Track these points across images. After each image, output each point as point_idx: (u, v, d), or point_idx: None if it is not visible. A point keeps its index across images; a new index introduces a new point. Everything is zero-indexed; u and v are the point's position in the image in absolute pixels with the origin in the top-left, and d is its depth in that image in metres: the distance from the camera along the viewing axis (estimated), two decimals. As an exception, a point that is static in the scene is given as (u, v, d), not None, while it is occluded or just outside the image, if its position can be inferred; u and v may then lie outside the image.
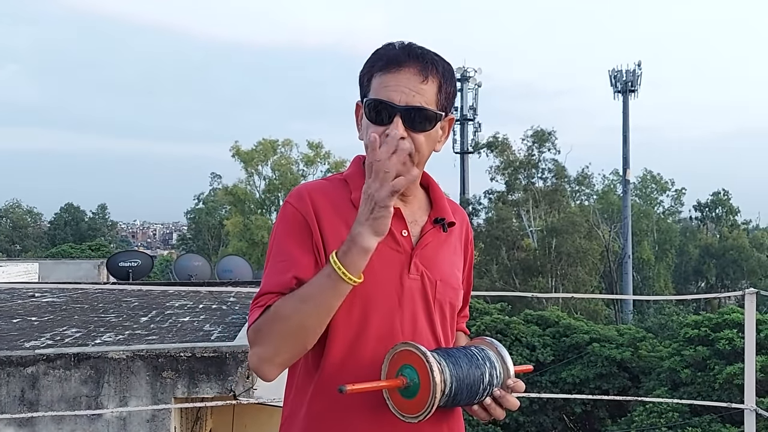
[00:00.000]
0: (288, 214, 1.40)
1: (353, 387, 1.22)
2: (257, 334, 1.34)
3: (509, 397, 1.35)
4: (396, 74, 1.37)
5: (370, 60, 1.43)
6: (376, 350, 1.36)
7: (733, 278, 43.00)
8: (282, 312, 1.31)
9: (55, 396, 3.87)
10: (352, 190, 1.43)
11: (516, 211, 37.73)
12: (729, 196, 49.33)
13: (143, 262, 13.83)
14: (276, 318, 1.32)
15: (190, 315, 6.47)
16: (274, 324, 1.32)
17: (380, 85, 1.38)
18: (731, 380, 14.70)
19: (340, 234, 1.36)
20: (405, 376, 1.26)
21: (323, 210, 1.40)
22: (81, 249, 38.30)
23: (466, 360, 1.29)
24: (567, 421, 17.63)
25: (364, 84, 1.43)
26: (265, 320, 1.33)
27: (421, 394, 1.24)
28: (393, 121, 1.36)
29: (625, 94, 38.69)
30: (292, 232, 1.39)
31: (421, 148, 1.39)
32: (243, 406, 4.45)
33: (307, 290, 1.31)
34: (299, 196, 1.41)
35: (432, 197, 1.51)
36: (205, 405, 4.28)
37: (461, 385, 1.27)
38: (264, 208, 42.26)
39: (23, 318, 6.16)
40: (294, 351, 1.35)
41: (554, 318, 20.13)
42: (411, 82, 1.37)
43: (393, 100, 1.37)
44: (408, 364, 1.27)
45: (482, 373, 1.30)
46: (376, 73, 1.40)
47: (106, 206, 66.53)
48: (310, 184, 1.46)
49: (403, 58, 1.38)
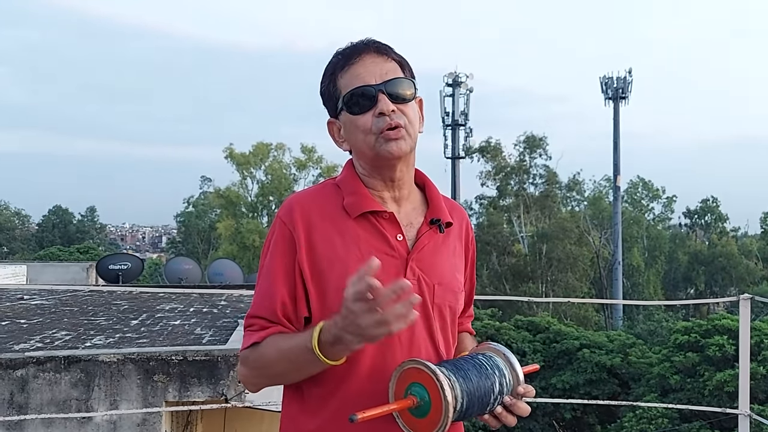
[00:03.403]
0: (277, 230, 1.41)
1: (364, 415, 1.19)
2: (245, 362, 1.41)
3: (520, 403, 1.33)
4: (360, 62, 1.39)
5: (328, 69, 1.44)
6: (374, 360, 1.34)
7: (722, 285, 43.28)
8: (266, 358, 1.37)
9: (45, 399, 3.83)
10: (345, 195, 1.42)
11: (507, 217, 37.86)
12: (718, 203, 49.73)
13: (133, 265, 13.75)
14: (261, 360, 1.38)
15: (181, 318, 6.42)
16: (258, 363, 1.38)
17: (349, 78, 1.39)
18: (721, 387, 14.76)
19: (332, 243, 1.36)
20: (415, 395, 1.23)
21: (314, 220, 1.38)
22: (69, 252, 38.04)
23: (475, 371, 1.27)
24: (557, 426, 17.64)
25: (330, 93, 1.43)
26: (252, 356, 1.39)
27: (433, 413, 1.21)
28: (378, 100, 1.36)
29: (615, 100, 38.91)
30: (281, 252, 1.40)
31: (411, 119, 1.40)
32: (234, 410, 4.41)
33: (290, 352, 1.33)
34: (288, 209, 1.41)
35: (428, 197, 1.49)
36: (196, 408, 4.24)
37: (472, 398, 1.24)
38: (256, 212, 42.18)
39: (12, 320, 6.10)
40: (276, 384, 1.43)
41: (545, 324, 20.18)
42: (377, 64, 1.40)
43: (368, 82, 1.38)
44: (417, 382, 1.23)
45: (492, 383, 1.27)
46: (339, 73, 1.41)
47: (94, 209, 66.32)
48: (301, 195, 1.45)
49: (360, 47, 1.42)
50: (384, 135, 1.36)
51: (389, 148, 1.37)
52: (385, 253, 1.37)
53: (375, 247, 1.37)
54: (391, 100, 1.37)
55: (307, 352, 1.28)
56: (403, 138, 1.38)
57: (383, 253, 1.36)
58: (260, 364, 1.37)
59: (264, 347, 1.36)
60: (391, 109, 1.36)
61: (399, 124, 1.37)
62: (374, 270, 1.17)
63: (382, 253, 1.36)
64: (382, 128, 1.36)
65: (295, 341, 1.32)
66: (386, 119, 1.36)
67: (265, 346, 1.36)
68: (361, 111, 1.38)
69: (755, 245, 47.27)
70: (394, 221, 1.40)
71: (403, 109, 1.38)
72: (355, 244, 1.37)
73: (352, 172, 1.45)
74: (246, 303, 7.52)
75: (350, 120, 1.40)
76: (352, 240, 1.37)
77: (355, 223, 1.39)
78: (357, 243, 1.37)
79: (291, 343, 1.33)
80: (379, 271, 1.32)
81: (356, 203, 1.40)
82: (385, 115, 1.36)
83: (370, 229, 1.39)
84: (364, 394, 1.32)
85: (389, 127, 1.36)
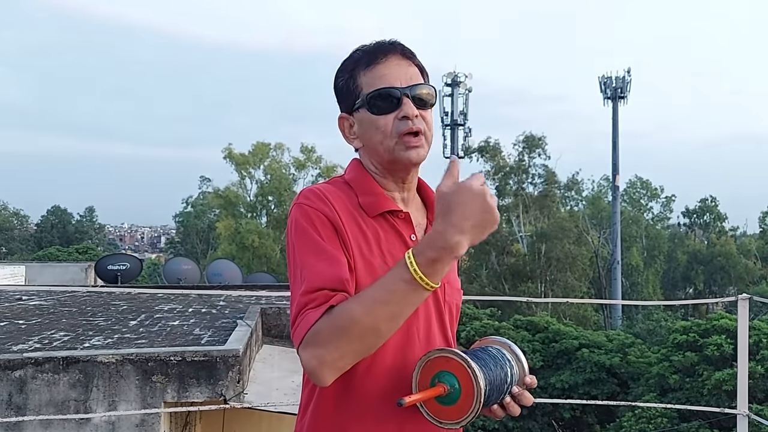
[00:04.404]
0: (312, 215, 1.33)
1: (410, 399, 1.22)
2: (317, 336, 1.23)
3: (526, 393, 1.36)
4: (385, 63, 1.39)
5: (347, 65, 1.42)
6: (395, 357, 1.35)
7: (721, 284, 43.31)
8: (353, 315, 1.21)
9: (44, 400, 3.82)
10: (359, 194, 1.41)
11: (506, 217, 37.82)
12: (717, 202, 49.78)
13: (132, 265, 13.73)
14: (345, 320, 1.22)
15: (180, 319, 6.42)
16: (342, 326, 1.22)
17: (373, 78, 1.38)
18: (720, 386, 14.77)
19: (357, 240, 1.35)
20: (445, 383, 1.25)
21: (343, 213, 1.36)
22: (68, 252, 38.03)
23: (492, 362, 1.31)
24: (556, 426, 17.64)
25: (349, 89, 1.41)
26: (330, 322, 1.22)
27: (463, 399, 1.24)
28: (402, 104, 1.37)
29: (614, 100, 38.91)
30: (328, 231, 1.32)
31: (430, 126, 1.41)
32: (233, 410, 4.41)
33: (381, 294, 1.21)
34: (319, 197, 1.35)
35: (425, 198, 1.50)
36: (195, 409, 4.24)
37: (492, 387, 1.28)
38: (255, 212, 42.15)
39: (10, 321, 6.10)
40: (359, 355, 1.26)
41: (543, 323, 20.18)
42: (402, 67, 1.40)
43: (394, 85, 1.37)
44: (446, 371, 1.26)
45: (506, 374, 1.32)
46: (361, 71, 1.40)
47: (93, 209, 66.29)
48: (320, 187, 1.40)
49: (387, 46, 1.41)
50: (405, 140, 1.37)
51: (409, 155, 1.37)
52: (402, 252, 1.37)
53: (395, 247, 1.38)
54: (414, 105, 1.37)
55: (404, 284, 1.19)
56: (422, 146, 1.39)
57: (401, 252, 1.37)
58: (343, 327, 1.21)
59: (343, 308, 1.22)
60: (415, 113, 1.37)
61: (420, 130, 1.37)
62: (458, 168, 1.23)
63: (399, 252, 1.37)
64: (403, 131, 1.37)
65: (382, 285, 1.22)
66: (408, 123, 1.36)
67: (344, 307, 1.22)
68: (383, 112, 1.37)
69: (754, 244, 47.30)
70: (408, 221, 1.42)
71: (425, 115, 1.39)
72: (377, 243, 1.38)
73: (363, 171, 1.44)
74: (245, 303, 7.51)
75: (370, 119, 1.39)
76: (374, 238, 1.38)
77: (374, 222, 1.39)
78: (378, 241, 1.38)
79: (374, 289, 1.22)
80: None
81: (374, 203, 1.40)
82: (408, 119, 1.36)
83: (388, 229, 1.40)
84: (385, 390, 1.33)
85: (410, 132, 1.36)
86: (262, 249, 38.19)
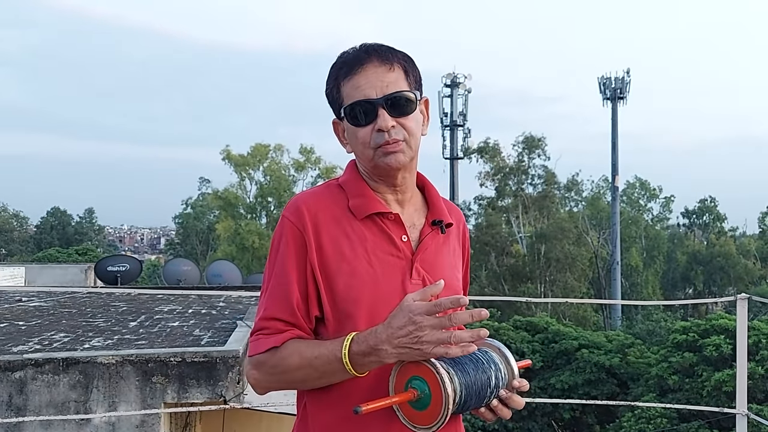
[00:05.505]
0: (286, 230, 1.40)
1: (368, 407, 1.24)
2: (260, 365, 1.38)
3: (515, 397, 1.36)
4: (362, 73, 1.39)
5: (332, 73, 1.44)
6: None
7: (720, 285, 43.33)
8: (287, 364, 1.35)
9: (44, 401, 3.82)
10: (350, 197, 1.43)
11: (505, 217, 37.84)
12: (716, 203, 49.81)
13: (132, 266, 13.74)
14: (280, 365, 1.36)
15: (180, 320, 6.42)
16: (277, 369, 1.36)
17: (351, 88, 1.39)
18: (719, 387, 14.77)
19: (340, 243, 1.37)
20: (415, 389, 1.27)
21: (321, 221, 1.39)
22: (68, 253, 38.03)
23: (472, 365, 1.30)
24: (555, 427, 17.65)
25: (334, 97, 1.44)
26: (271, 361, 1.36)
27: (433, 405, 1.25)
28: (378, 115, 1.37)
29: (613, 101, 38.92)
30: (292, 252, 1.39)
31: (412, 131, 1.40)
32: (233, 411, 4.42)
33: (315, 360, 1.33)
34: (296, 210, 1.40)
35: (428, 198, 1.51)
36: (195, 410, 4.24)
37: (470, 391, 1.28)
38: (255, 213, 42.14)
39: (10, 322, 6.10)
40: (289, 388, 1.42)
41: (543, 324, 20.19)
42: (379, 75, 1.39)
43: (369, 96, 1.38)
44: (417, 376, 1.27)
45: (489, 377, 1.31)
46: (342, 81, 1.41)
47: (93, 210, 66.27)
48: (306, 195, 1.45)
49: (363, 56, 1.40)
50: (383, 149, 1.38)
51: (387, 161, 1.39)
52: (391, 254, 1.40)
53: (381, 248, 1.39)
54: (391, 115, 1.38)
55: (334, 362, 1.30)
56: (402, 151, 1.39)
57: (389, 254, 1.39)
58: (279, 370, 1.36)
59: (284, 352, 1.35)
60: (390, 125, 1.37)
61: (397, 140, 1.38)
62: (440, 290, 1.26)
63: (388, 254, 1.39)
64: (379, 144, 1.38)
65: (321, 350, 1.33)
66: (384, 136, 1.37)
67: (285, 351, 1.35)
68: (362, 124, 1.39)
69: (753, 245, 47.33)
70: (399, 223, 1.43)
71: (404, 123, 1.39)
72: (362, 245, 1.39)
73: (356, 173, 1.46)
74: (245, 304, 7.52)
75: (351, 129, 1.42)
76: (359, 241, 1.39)
77: (361, 225, 1.41)
78: (364, 244, 1.39)
79: (316, 352, 1.33)
80: (386, 272, 1.38)
81: (362, 205, 1.41)
82: (384, 132, 1.37)
83: (376, 231, 1.41)
84: (373, 393, 1.35)
85: (386, 143, 1.38)
86: (261, 250, 38.17)
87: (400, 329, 1.24)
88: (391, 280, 1.39)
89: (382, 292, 1.37)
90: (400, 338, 1.24)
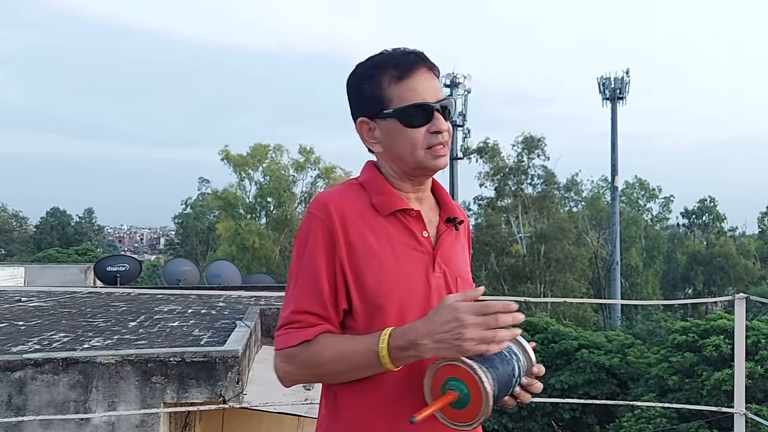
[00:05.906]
0: (314, 227, 1.43)
1: (422, 415, 1.28)
2: (291, 358, 1.41)
3: (536, 382, 1.42)
4: (416, 76, 1.45)
5: (373, 73, 1.46)
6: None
7: (720, 285, 43.33)
8: (320, 358, 1.38)
9: (43, 401, 3.83)
10: (372, 195, 1.47)
11: (505, 217, 37.86)
12: (716, 203, 49.79)
13: (131, 266, 13.74)
14: (313, 359, 1.39)
15: (179, 320, 6.42)
16: (310, 363, 1.39)
17: (406, 90, 1.44)
18: (719, 386, 14.78)
19: (367, 239, 1.42)
20: (454, 390, 1.31)
21: (348, 217, 1.43)
22: (67, 253, 38.03)
23: (498, 360, 1.34)
24: (556, 427, 17.66)
25: (377, 96, 1.46)
26: (303, 354, 1.40)
27: (473, 403, 1.30)
28: (433, 118, 1.44)
29: (613, 101, 38.91)
30: (321, 247, 1.42)
31: (451, 134, 1.50)
32: (232, 411, 4.42)
33: (349, 354, 1.36)
34: (323, 206, 1.44)
35: (439, 197, 1.58)
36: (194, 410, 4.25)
37: (501, 385, 1.33)
38: (254, 213, 42.13)
39: (10, 322, 6.10)
40: (319, 382, 1.46)
41: (543, 324, 20.20)
42: (430, 80, 1.47)
43: (427, 100, 1.44)
44: (454, 378, 1.32)
45: (513, 368, 1.36)
46: (391, 81, 1.44)
47: (92, 210, 66.29)
48: (331, 193, 1.48)
49: (415, 59, 1.46)
50: (434, 151, 1.45)
51: (438, 163, 1.47)
52: (414, 248, 1.46)
53: (405, 243, 1.45)
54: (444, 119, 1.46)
55: (370, 356, 1.34)
56: (446, 154, 1.48)
57: (413, 249, 1.45)
58: (311, 363, 1.39)
59: (317, 346, 1.38)
60: (447, 128, 1.46)
61: (448, 143, 1.48)
62: (479, 295, 1.31)
63: (411, 248, 1.45)
64: (434, 144, 1.45)
65: (356, 344, 1.36)
66: (439, 137, 1.45)
67: (318, 345, 1.38)
68: (416, 125, 1.44)
69: (753, 245, 47.32)
70: (420, 219, 1.48)
71: (449, 128, 1.48)
72: (387, 241, 1.44)
73: (376, 172, 1.51)
74: (244, 304, 7.52)
75: (400, 130, 1.45)
76: (385, 236, 1.44)
77: (385, 221, 1.45)
78: (389, 239, 1.44)
79: (351, 346, 1.37)
80: (412, 267, 1.44)
81: (386, 202, 1.46)
82: (440, 133, 1.45)
83: (399, 227, 1.46)
84: (401, 392, 1.39)
85: (439, 144, 1.45)
86: (261, 250, 38.19)
87: (443, 325, 1.28)
88: (416, 273, 1.45)
89: (410, 285, 1.43)
90: (441, 334, 1.28)
